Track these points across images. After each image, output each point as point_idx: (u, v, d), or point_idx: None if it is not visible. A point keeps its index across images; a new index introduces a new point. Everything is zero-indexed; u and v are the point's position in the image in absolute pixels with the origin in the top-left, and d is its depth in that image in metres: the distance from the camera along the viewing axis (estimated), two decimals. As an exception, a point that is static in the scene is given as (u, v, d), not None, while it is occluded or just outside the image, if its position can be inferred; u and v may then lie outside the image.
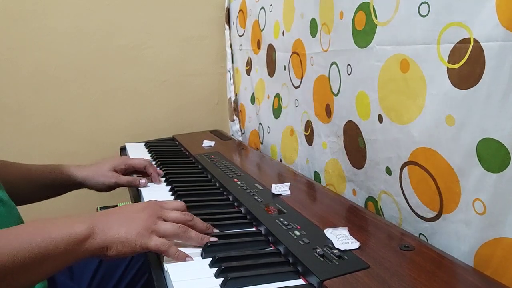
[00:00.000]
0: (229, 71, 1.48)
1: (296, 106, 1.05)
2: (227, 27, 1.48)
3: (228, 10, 1.47)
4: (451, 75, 0.57)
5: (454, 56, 0.56)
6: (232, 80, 1.47)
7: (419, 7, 0.61)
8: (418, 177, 0.65)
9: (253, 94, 1.34)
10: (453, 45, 0.56)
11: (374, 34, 0.71)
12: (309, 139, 1.00)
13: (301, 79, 1.01)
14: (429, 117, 0.61)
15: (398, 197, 0.71)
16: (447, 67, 0.57)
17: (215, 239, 0.62)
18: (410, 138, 0.65)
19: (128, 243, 0.54)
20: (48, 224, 0.53)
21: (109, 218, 0.57)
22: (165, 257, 0.57)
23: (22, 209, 0.73)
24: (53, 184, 0.86)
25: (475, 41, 0.52)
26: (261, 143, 1.30)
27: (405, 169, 0.68)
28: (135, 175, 0.93)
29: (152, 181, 0.91)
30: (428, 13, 0.60)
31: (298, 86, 1.03)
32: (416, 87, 0.63)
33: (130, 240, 0.55)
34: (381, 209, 0.76)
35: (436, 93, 0.60)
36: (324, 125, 0.92)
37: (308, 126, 1.00)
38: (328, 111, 0.90)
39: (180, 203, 0.66)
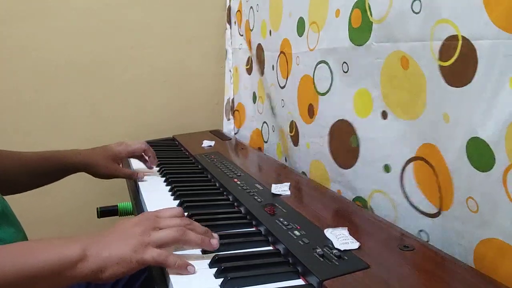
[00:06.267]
0: (230, 71, 1.48)
1: (282, 107, 1.05)
2: (228, 26, 1.48)
3: (229, 10, 1.47)
4: (443, 72, 0.57)
5: (444, 53, 0.56)
6: (232, 80, 1.47)
7: (412, 4, 0.61)
8: (424, 173, 0.65)
9: (254, 93, 1.34)
10: (442, 42, 0.56)
11: (371, 31, 0.71)
12: (295, 140, 1.00)
13: (286, 79, 1.01)
14: (431, 113, 0.61)
15: (395, 195, 0.71)
16: (439, 64, 0.57)
17: (215, 241, 0.58)
18: (417, 133, 0.65)
19: (123, 262, 0.51)
20: (35, 244, 0.50)
21: (102, 239, 0.53)
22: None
23: (20, 211, 0.73)
24: (51, 171, 0.86)
25: (464, 38, 0.52)
26: (265, 142, 1.30)
27: (410, 165, 0.67)
28: (134, 169, 0.98)
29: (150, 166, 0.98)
30: (420, 10, 0.60)
31: (284, 86, 1.03)
32: (417, 84, 0.63)
33: (125, 258, 0.51)
34: (371, 209, 0.76)
35: (434, 90, 0.60)
36: (307, 125, 0.92)
37: (293, 126, 1.00)
38: (311, 112, 0.90)
39: (177, 209, 0.62)
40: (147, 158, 0.99)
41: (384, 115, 0.72)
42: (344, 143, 0.81)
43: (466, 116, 0.54)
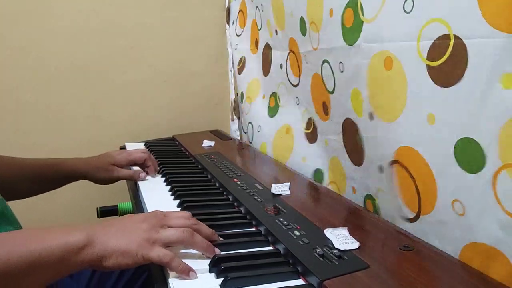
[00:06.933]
0: (230, 71, 1.48)
1: (298, 104, 1.05)
2: (227, 26, 1.48)
3: (228, 10, 1.47)
4: (431, 72, 0.56)
5: (433, 53, 0.56)
6: (233, 80, 1.47)
7: (404, 3, 0.60)
8: (401, 177, 0.65)
9: (242, 93, 1.34)
10: (432, 41, 0.55)
11: (361, 31, 0.71)
12: (311, 137, 1.00)
13: (299, 77, 1.01)
14: (411, 115, 0.61)
15: (388, 195, 0.71)
16: (426, 64, 0.57)
17: (219, 250, 0.58)
18: (395, 136, 0.65)
19: (128, 254, 0.52)
20: (43, 231, 0.50)
21: (109, 228, 0.54)
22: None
23: (19, 210, 0.73)
24: (53, 178, 0.88)
25: (456, 37, 0.52)
26: (250, 142, 1.30)
27: (392, 168, 0.67)
28: (133, 168, 0.98)
29: (148, 173, 0.97)
30: (412, 9, 0.59)
31: (297, 84, 1.03)
32: (398, 85, 0.62)
33: (131, 251, 0.52)
34: (378, 207, 0.76)
35: (417, 91, 0.59)
36: (323, 122, 0.92)
37: (310, 124, 1.00)
38: (325, 109, 0.90)
39: (185, 212, 0.63)
40: (146, 167, 0.98)
41: (371, 116, 0.72)
42: (353, 141, 0.81)
43: (454, 116, 0.53)
